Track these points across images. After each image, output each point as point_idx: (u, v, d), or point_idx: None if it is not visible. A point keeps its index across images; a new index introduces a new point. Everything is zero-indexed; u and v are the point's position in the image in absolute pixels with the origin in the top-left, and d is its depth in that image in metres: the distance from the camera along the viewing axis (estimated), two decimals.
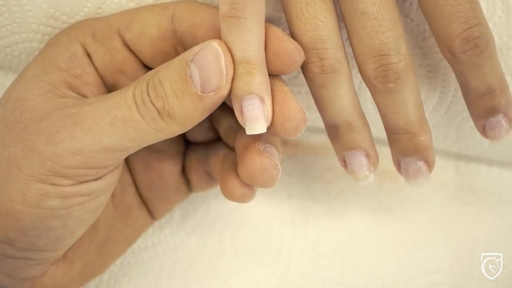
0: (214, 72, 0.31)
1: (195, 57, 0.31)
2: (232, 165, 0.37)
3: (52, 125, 0.32)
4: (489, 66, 0.34)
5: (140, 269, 0.45)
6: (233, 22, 0.32)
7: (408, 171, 0.37)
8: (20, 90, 0.34)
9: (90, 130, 0.32)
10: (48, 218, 0.33)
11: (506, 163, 0.44)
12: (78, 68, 0.35)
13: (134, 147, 0.33)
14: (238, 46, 0.32)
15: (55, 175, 0.32)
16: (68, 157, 0.32)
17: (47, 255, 0.35)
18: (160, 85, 0.32)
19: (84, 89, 0.35)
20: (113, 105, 0.32)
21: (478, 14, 0.33)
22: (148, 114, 0.32)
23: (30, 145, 0.32)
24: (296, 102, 0.33)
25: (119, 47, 0.36)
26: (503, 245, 0.44)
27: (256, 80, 0.32)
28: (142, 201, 0.42)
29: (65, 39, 0.36)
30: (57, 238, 0.34)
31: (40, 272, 0.36)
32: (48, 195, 0.32)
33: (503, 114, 0.36)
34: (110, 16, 0.36)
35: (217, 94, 0.32)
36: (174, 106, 0.32)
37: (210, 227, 0.46)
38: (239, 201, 0.37)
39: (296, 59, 0.33)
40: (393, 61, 0.33)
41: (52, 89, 0.34)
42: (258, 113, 0.32)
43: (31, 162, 0.32)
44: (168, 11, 0.35)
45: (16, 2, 0.38)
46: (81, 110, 0.32)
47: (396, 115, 0.35)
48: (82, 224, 0.35)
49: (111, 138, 0.32)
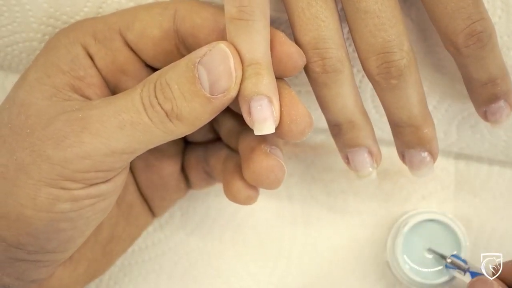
0: (223, 73, 0.31)
1: (202, 59, 0.31)
2: (236, 166, 0.37)
3: (60, 129, 0.32)
4: (491, 58, 0.35)
5: (140, 269, 0.45)
6: (242, 24, 0.32)
7: (412, 162, 0.37)
8: (23, 94, 0.34)
9: (98, 134, 0.32)
10: (58, 221, 0.33)
11: (506, 162, 0.44)
12: (81, 70, 0.35)
13: (142, 149, 0.33)
14: (247, 47, 0.32)
15: (64, 180, 0.32)
16: (77, 162, 0.32)
17: (57, 257, 0.35)
18: (168, 87, 0.32)
19: (88, 91, 0.35)
20: (120, 108, 0.32)
21: (480, 8, 0.34)
22: (156, 117, 0.32)
23: (38, 150, 0.32)
24: (303, 105, 0.33)
25: (121, 47, 0.36)
26: (503, 245, 0.44)
27: (265, 81, 0.32)
28: (143, 198, 0.42)
29: (65, 40, 0.36)
30: (67, 239, 0.34)
31: (48, 274, 0.36)
32: (59, 199, 0.32)
33: (504, 100, 0.36)
34: (109, 16, 0.36)
35: (226, 96, 0.32)
36: (182, 109, 0.32)
37: (210, 227, 0.46)
38: (243, 203, 0.37)
39: (298, 63, 0.33)
40: (396, 58, 0.33)
41: (56, 92, 0.34)
42: (267, 114, 0.32)
43: (40, 167, 0.32)
44: (169, 11, 0.35)
45: (16, 2, 0.38)
46: (88, 114, 0.32)
47: (400, 110, 0.35)
48: (92, 224, 0.35)
49: (120, 141, 0.32)
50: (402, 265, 0.42)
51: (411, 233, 0.43)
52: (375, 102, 0.41)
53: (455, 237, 0.42)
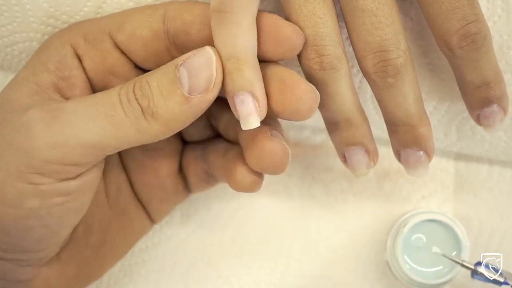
0: (203, 74, 0.31)
1: (186, 61, 0.32)
2: (237, 155, 0.37)
3: (31, 119, 0.32)
4: (485, 61, 0.34)
5: (140, 270, 0.45)
6: (221, 16, 0.32)
7: (408, 161, 0.37)
8: (9, 91, 0.34)
9: (69, 124, 0.31)
10: (27, 218, 0.33)
11: (506, 162, 0.44)
12: (66, 70, 0.35)
13: (112, 147, 0.33)
14: (225, 41, 0.32)
15: (32, 172, 0.32)
16: (45, 151, 0.31)
17: (35, 256, 0.35)
18: (147, 85, 0.32)
19: (69, 92, 0.35)
20: (96, 101, 0.32)
21: (476, 10, 0.33)
22: (131, 111, 0.32)
23: (9, 141, 0.32)
24: (305, 82, 0.33)
25: (110, 49, 0.35)
26: (503, 245, 0.44)
27: (245, 75, 0.32)
28: (139, 202, 0.41)
29: (57, 41, 0.36)
30: (39, 238, 0.34)
31: (33, 274, 0.36)
32: (27, 195, 0.32)
33: (497, 104, 0.36)
34: (101, 18, 0.36)
35: (204, 97, 0.32)
36: (159, 106, 0.31)
37: (211, 227, 0.46)
38: (248, 189, 0.36)
39: (295, 42, 0.33)
40: (393, 56, 0.33)
41: (38, 90, 0.34)
42: (249, 109, 0.32)
43: (8, 158, 0.32)
44: (159, 11, 0.35)
45: (16, 1, 0.38)
46: (63, 105, 0.32)
47: (396, 108, 0.35)
48: (65, 224, 0.35)
49: (90, 133, 0.31)
50: (402, 265, 0.42)
51: (411, 233, 0.42)
52: (375, 103, 0.41)
53: (455, 237, 0.42)
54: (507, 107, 0.37)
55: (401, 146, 0.37)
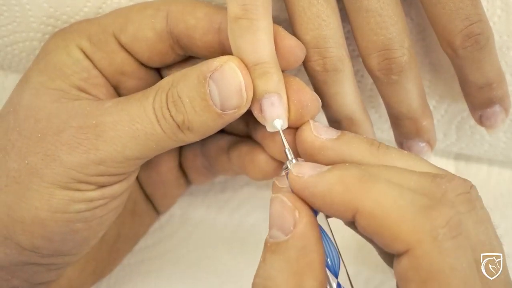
0: (234, 93, 0.32)
1: (213, 74, 0.31)
2: (252, 146, 0.37)
3: (74, 136, 0.32)
4: (488, 61, 0.35)
5: (140, 269, 0.45)
6: (246, 23, 0.31)
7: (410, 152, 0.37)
8: (29, 97, 0.34)
9: (113, 142, 0.32)
10: (74, 221, 0.33)
11: (506, 162, 0.44)
12: (84, 72, 0.35)
13: (153, 154, 0.34)
14: (253, 47, 0.32)
15: (78, 182, 0.33)
16: (92, 167, 0.32)
17: (69, 259, 0.36)
18: (180, 100, 0.32)
19: (94, 91, 0.35)
20: (134, 118, 0.32)
21: (479, 10, 0.34)
22: (169, 128, 0.32)
23: (51, 155, 0.32)
24: (310, 90, 0.33)
25: (116, 50, 0.36)
26: (503, 245, 0.44)
27: (275, 78, 0.32)
28: (146, 196, 0.43)
29: (63, 43, 0.36)
30: (82, 240, 0.35)
31: (57, 276, 0.37)
32: (73, 200, 0.33)
33: (499, 105, 0.37)
34: (102, 18, 0.36)
35: (237, 112, 0.32)
36: (193, 122, 0.32)
37: (210, 227, 0.46)
38: (272, 174, 0.37)
39: (298, 56, 0.33)
40: (397, 55, 0.34)
41: (64, 94, 0.34)
42: (279, 111, 0.32)
43: (54, 171, 0.32)
44: (162, 12, 0.35)
45: (16, 1, 0.38)
46: (102, 121, 0.33)
47: (400, 104, 0.36)
48: (105, 223, 0.35)
49: (134, 150, 0.33)
50: None
51: None
52: (374, 103, 0.41)
53: None
54: (509, 108, 0.37)
55: (404, 138, 0.37)
